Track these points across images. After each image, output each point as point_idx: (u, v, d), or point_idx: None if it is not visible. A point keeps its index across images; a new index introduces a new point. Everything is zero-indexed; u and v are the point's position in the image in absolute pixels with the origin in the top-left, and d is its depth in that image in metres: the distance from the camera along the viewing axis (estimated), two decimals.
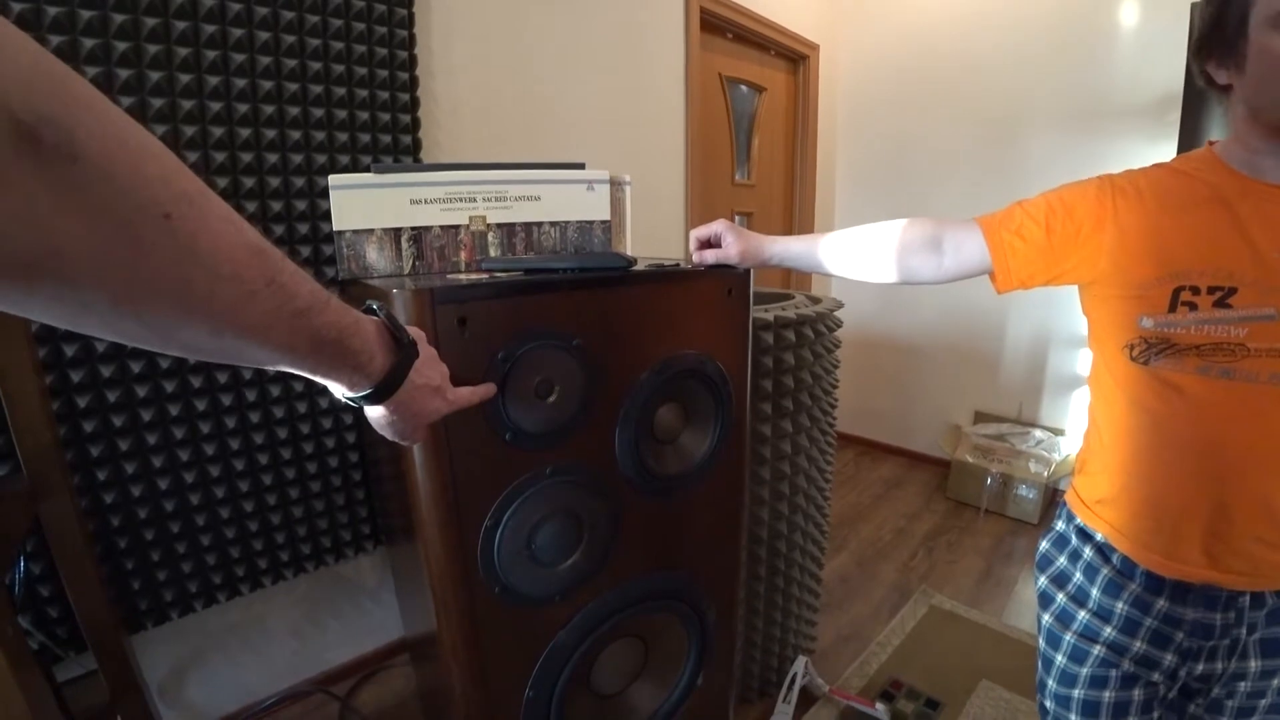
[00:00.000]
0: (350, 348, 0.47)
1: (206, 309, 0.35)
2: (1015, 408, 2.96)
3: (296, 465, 1.53)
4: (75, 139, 0.26)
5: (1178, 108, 2.28)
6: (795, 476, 1.52)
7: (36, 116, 0.25)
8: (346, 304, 0.47)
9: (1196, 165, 0.76)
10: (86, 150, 0.27)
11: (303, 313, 0.41)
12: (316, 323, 0.43)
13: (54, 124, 0.26)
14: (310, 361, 0.45)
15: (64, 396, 1.22)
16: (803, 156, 3.16)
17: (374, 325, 0.52)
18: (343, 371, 0.49)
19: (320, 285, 0.44)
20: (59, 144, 0.26)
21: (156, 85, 1.23)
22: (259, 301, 0.37)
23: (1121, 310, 0.76)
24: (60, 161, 0.26)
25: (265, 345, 0.40)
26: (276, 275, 0.38)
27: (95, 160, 0.27)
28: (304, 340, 0.42)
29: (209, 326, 0.36)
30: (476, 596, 0.85)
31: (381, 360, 0.52)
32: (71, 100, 0.27)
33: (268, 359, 0.41)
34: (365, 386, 0.52)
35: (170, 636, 1.46)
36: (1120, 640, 0.81)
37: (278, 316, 0.39)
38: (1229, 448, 0.71)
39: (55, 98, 0.26)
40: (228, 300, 0.35)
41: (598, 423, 0.90)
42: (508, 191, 0.95)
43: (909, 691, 1.70)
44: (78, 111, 0.27)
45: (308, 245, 1.46)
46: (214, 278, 0.34)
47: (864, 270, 0.94)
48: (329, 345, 0.45)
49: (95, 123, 0.28)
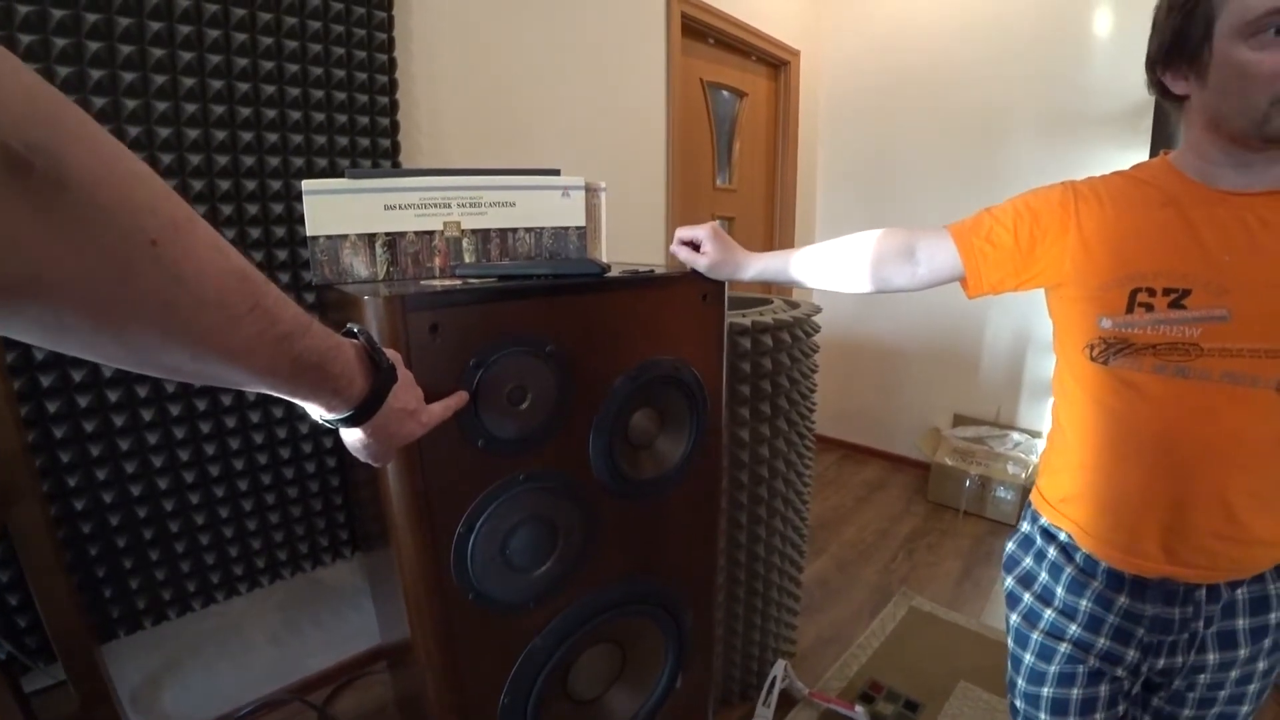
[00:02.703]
0: (331, 372, 0.48)
1: (189, 333, 0.35)
2: (994, 411, 2.99)
3: (273, 470, 1.51)
4: (64, 166, 0.26)
5: (1150, 115, 2.33)
6: (774, 480, 1.53)
7: (27, 144, 0.25)
8: (328, 328, 0.47)
9: (1152, 173, 0.78)
10: (75, 177, 0.27)
11: (285, 337, 0.41)
12: (299, 347, 0.43)
13: (44, 152, 0.26)
14: (291, 385, 0.45)
15: (34, 401, 1.20)
16: (783, 161, 3.18)
17: (354, 349, 0.52)
18: (322, 395, 0.49)
19: (303, 310, 0.44)
20: (48, 171, 0.26)
21: (131, 86, 1.21)
22: (242, 326, 0.37)
23: (1082, 311, 0.78)
24: (49, 189, 0.26)
25: (247, 369, 0.40)
26: (260, 300, 0.38)
27: (84, 187, 0.27)
28: (285, 364, 0.42)
29: (191, 351, 0.36)
30: (450, 603, 0.84)
31: (361, 384, 0.52)
32: (62, 128, 0.27)
33: (249, 382, 0.41)
34: (344, 410, 0.52)
35: (144, 645, 1.44)
36: (1085, 637, 0.83)
37: (260, 341, 0.39)
38: (1184, 444, 0.73)
39: (46, 126, 0.26)
40: (211, 325, 0.36)
41: (572, 428, 0.90)
42: (483, 197, 0.95)
43: (888, 693, 1.71)
44: (68, 139, 0.27)
45: (284, 248, 1.45)
46: (198, 303, 0.34)
47: (841, 282, 0.95)
48: (310, 370, 0.45)
49: (85, 151, 0.28)
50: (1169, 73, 0.74)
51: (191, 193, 1.31)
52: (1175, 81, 0.74)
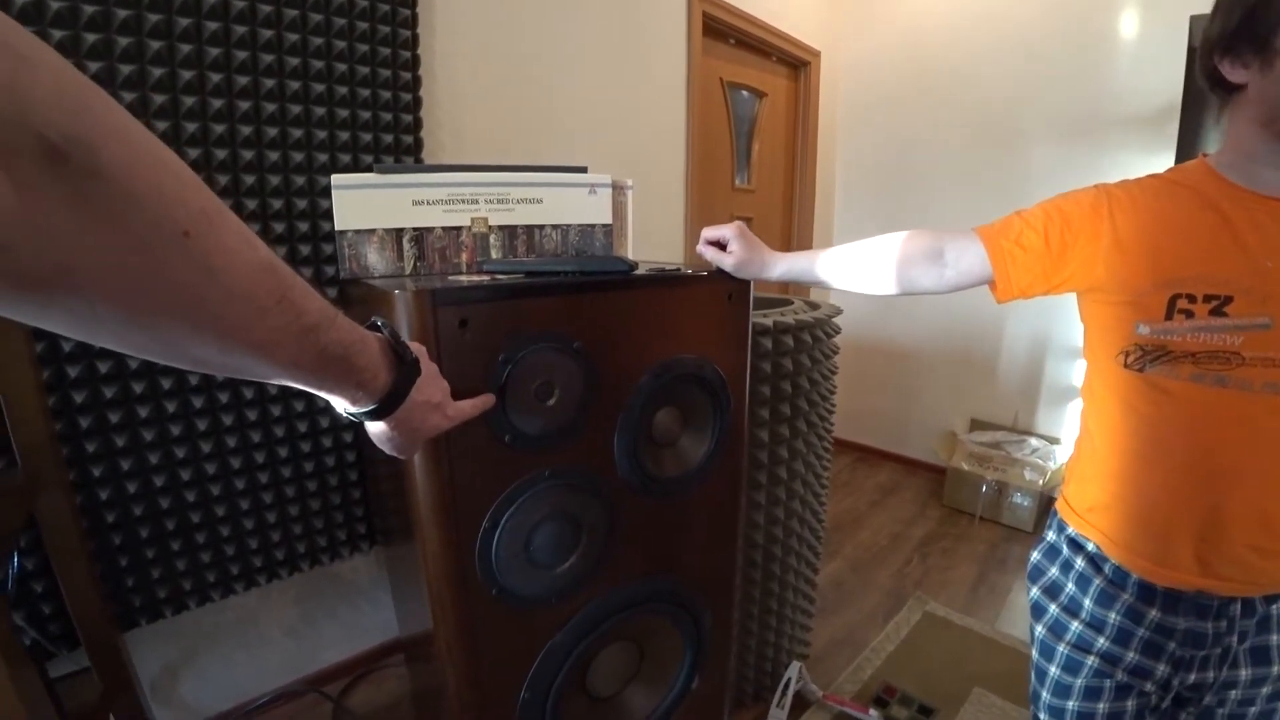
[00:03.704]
0: (355, 364, 0.48)
1: (218, 325, 0.35)
2: (1011, 416, 2.97)
3: (292, 464, 1.52)
4: (99, 158, 0.27)
5: (1176, 118, 2.30)
6: (792, 481, 1.52)
7: (63, 136, 0.25)
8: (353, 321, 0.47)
9: (1189, 175, 0.76)
10: (109, 169, 0.27)
11: (311, 330, 0.41)
12: (324, 340, 0.43)
13: (80, 143, 0.26)
14: (316, 378, 0.45)
15: (60, 392, 1.21)
16: (803, 162, 3.17)
17: (378, 342, 0.52)
18: (346, 388, 0.49)
19: (328, 302, 0.44)
20: (83, 163, 0.26)
21: (159, 81, 1.23)
22: (269, 318, 0.38)
23: (1118, 317, 0.77)
24: (84, 180, 0.26)
25: (273, 361, 0.40)
26: (287, 293, 0.38)
27: (117, 178, 0.27)
28: (311, 357, 0.43)
29: (219, 343, 0.36)
30: (473, 598, 0.84)
31: (384, 377, 0.52)
32: (97, 120, 0.27)
33: (275, 374, 0.42)
34: (367, 403, 0.52)
35: (163, 634, 1.45)
36: (1113, 651, 0.82)
37: (286, 333, 0.39)
38: (1222, 455, 0.72)
39: (82, 117, 0.26)
40: (239, 317, 0.36)
41: (597, 425, 0.90)
42: (510, 194, 0.95)
43: (902, 697, 1.70)
44: (103, 131, 0.27)
45: (307, 243, 1.46)
46: (227, 295, 0.34)
47: (867, 283, 0.94)
48: (335, 362, 0.45)
49: (119, 142, 0.28)
50: (1229, 58, 0.71)
51: (217, 187, 1.32)
52: (1234, 69, 0.71)
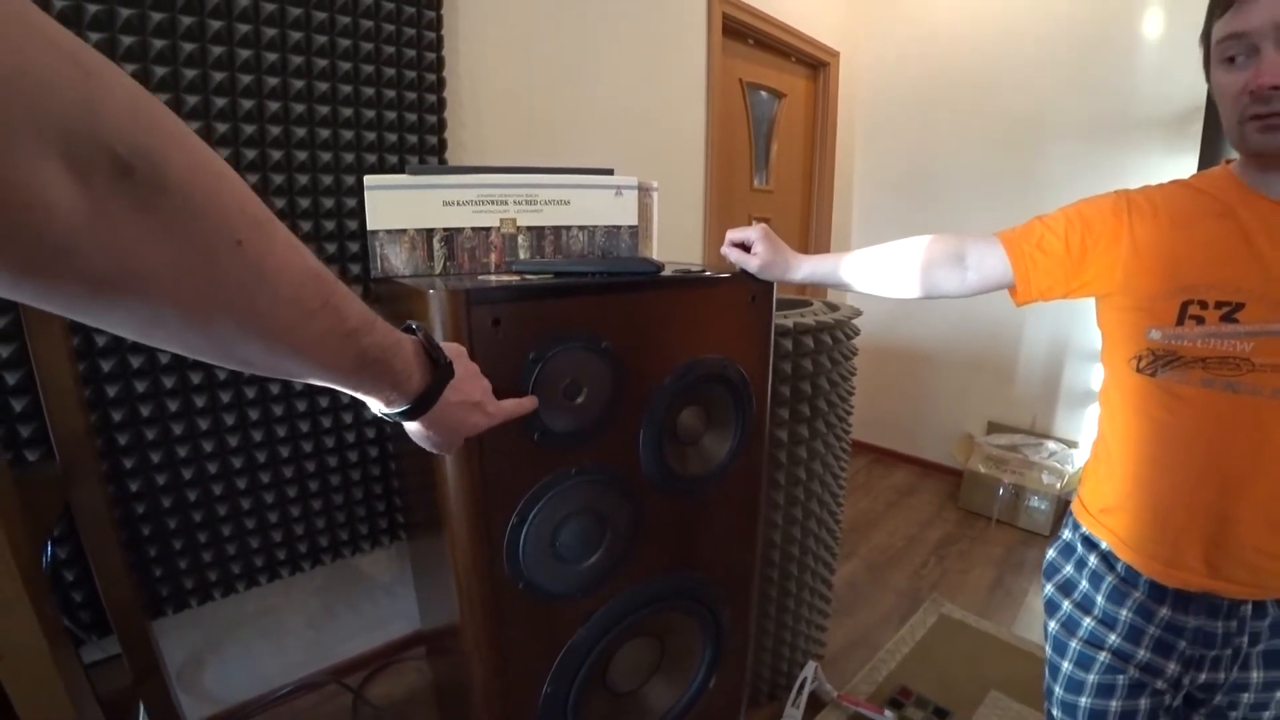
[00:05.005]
0: (392, 367, 0.49)
1: (266, 328, 0.37)
2: (1029, 419, 2.95)
3: (316, 458, 1.55)
4: (164, 171, 0.28)
5: (1199, 120, 2.27)
6: (810, 482, 1.53)
7: (132, 151, 0.27)
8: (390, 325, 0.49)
9: (1212, 182, 0.77)
10: (173, 181, 0.29)
11: (352, 333, 0.43)
12: (364, 343, 0.45)
13: (147, 158, 0.27)
14: (354, 379, 0.47)
15: (94, 385, 1.24)
16: (821, 163, 3.17)
17: (413, 345, 0.53)
18: (382, 389, 0.51)
19: (367, 306, 0.45)
20: (149, 175, 0.28)
21: (191, 83, 1.25)
22: (314, 322, 0.39)
23: (1131, 322, 0.78)
24: (150, 192, 0.28)
25: (315, 363, 0.42)
26: (330, 297, 0.40)
27: (180, 190, 0.29)
28: (350, 359, 0.44)
29: (265, 344, 0.37)
30: (500, 591, 0.86)
31: (418, 380, 0.53)
32: (163, 134, 0.29)
33: (314, 375, 0.43)
34: (401, 404, 0.53)
35: (189, 624, 1.48)
36: (1124, 647, 0.82)
37: (330, 336, 0.41)
38: (1231, 459, 0.72)
39: (150, 133, 0.28)
40: (286, 320, 0.37)
41: (622, 424, 0.91)
42: (538, 195, 0.96)
43: (918, 700, 1.70)
44: (168, 145, 0.29)
45: (333, 242, 1.48)
46: (276, 299, 0.36)
47: (890, 286, 0.95)
48: (373, 365, 0.47)
49: (182, 155, 0.30)
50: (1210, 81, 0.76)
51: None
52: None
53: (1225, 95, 0.69)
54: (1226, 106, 0.70)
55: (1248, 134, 0.68)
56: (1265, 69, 0.64)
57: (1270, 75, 0.63)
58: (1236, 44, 0.66)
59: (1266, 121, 0.65)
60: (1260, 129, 0.66)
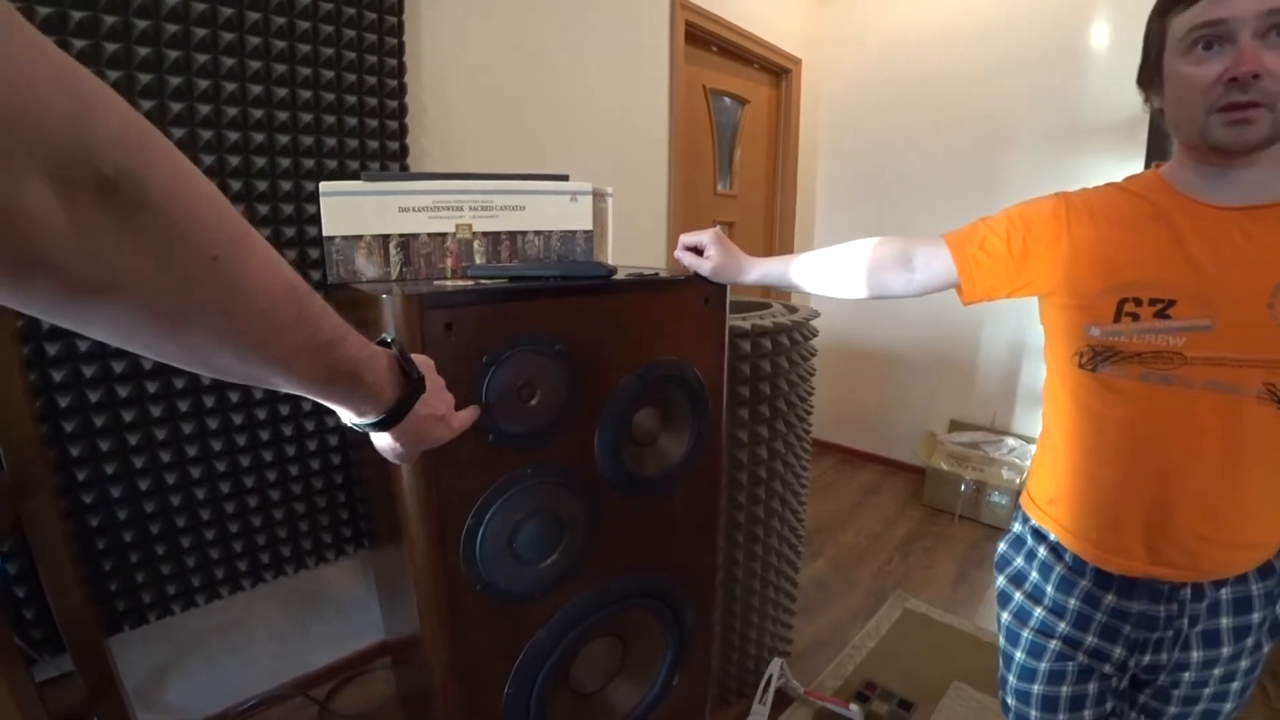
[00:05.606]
0: (364, 379, 0.50)
1: (240, 339, 0.38)
2: (989, 416, 3.02)
3: (278, 467, 1.53)
4: (145, 188, 0.30)
5: (1145, 127, 2.36)
6: (771, 481, 1.55)
7: (117, 170, 0.28)
8: (364, 338, 0.50)
9: (1143, 185, 0.81)
10: (154, 198, 0.30)
11: (325, 345, 0.44)
12: (336, 355, 0.46)
13: (130, 176, 0.29)
14: (326, 390, 0.48)
15: (45, 395, 1.22)
16: (784, 168, 3.22)
17: (387, 358, 0.54)
18: (353, 401, 0.52)
19: (341, 320, 0.47)
20: (131, 193, 0.29)
21: (146, 87, 1.24)
22: (287, 334, 0.41)
23: (1071, 320, 0.81)
24: (131, 209, 0.29)
25: (288, 373, 0.43)
26: (305, 311, 0.41)
27: (160, 208, 0.31)
28: (323, 371, 0.45)
29: (239, 354, 0.39)
30: (458, 593, 0.87)
31: (390, 393, 0.54)
32: (147, 154, 0.30)
33: (288, 385, 0.44)
34: (373, 415, 0.54)
35: (149, 638, 1.45)
36: (1073, 635, 0.86)
37: (303, 348, 0.42)
38: (1167, 448, 0.76)
39: (135, 154, 0.29)
40: (260, 332, 0.39)
41: (578, 425, 0.93)
42: (494, 201, 0.97)
43: (883, 693, 1.73)
44: (151, 165, 0.30)
45: (294, 248, 1.47)
46: (248, 312, 0.37)
47: (839, 287, 0.98)
48: (345, 376, 0.48)
49: (165, 176, 0.31)
50: (1149, 90, 0.79)
51: None
52: (1153, 97, 0.78)
53: (1192, 86, 0.69)
54: (1191, 99, 0.69)
55: (1213, 127, 0.68)
56: (1246, 56, 0.64)
57: (1252, 62, 0.64)
58: (1210, 32, 0.66)
59: (1241, 113, 0.66)
60: (1230, 121, 0.67)
